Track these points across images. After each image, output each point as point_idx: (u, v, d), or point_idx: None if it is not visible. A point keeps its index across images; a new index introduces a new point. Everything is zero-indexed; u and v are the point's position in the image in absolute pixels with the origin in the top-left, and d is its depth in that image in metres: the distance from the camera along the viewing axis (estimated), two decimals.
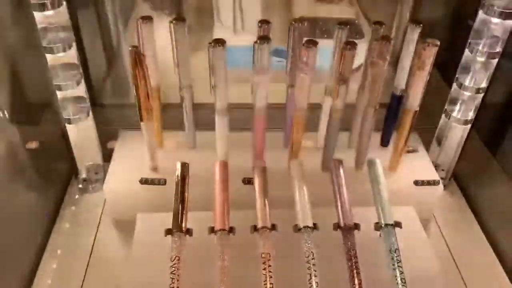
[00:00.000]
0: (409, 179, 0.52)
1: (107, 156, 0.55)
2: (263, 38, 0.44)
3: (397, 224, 0.44)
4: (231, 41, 0.43)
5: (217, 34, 0.59)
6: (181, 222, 0.43)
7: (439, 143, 0.57)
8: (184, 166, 0.46)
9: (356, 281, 0.40)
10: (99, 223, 0.53)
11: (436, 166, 0.57)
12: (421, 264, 0.45)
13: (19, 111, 0.48)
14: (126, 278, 0.44)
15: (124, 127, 0.57)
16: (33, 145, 0.51)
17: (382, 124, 0.55)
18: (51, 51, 0.46)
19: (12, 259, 0.45)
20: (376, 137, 0.56)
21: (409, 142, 0.54)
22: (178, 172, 0.46)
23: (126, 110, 0.57)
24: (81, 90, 0.50)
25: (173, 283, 0.39)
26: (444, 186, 0.57)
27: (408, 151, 0.55)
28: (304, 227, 0.43)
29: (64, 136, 0.53)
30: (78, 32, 0.55)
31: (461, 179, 0.60)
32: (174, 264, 0.41)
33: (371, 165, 0.48)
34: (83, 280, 0.47)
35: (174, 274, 0.40)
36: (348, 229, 0.44)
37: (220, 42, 0.42)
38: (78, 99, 0.50)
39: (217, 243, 0.42)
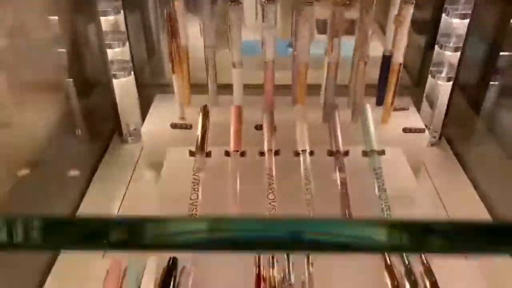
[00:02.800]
0: (398, 128, 0.60)
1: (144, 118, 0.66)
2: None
3: (382, 152, 0.53)
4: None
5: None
6: (202, 145, 0.53)
7: (429, 104, 0.65)
8: (206, 107, 0.57)
9: (345, 195, 0.49)
10: (136, 165, 0.63)
11: (427, 127, 0.65)
12: (401, 184, 0.53)
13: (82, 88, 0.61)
14: (158, 190, 0.54)
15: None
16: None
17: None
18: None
19: (63, 189, 0.56)
20: (373, 99, 0.65)
21: (401, 102, 0.63)
22: (201, 111, 0.57)
23: (162, 87, 0.69)
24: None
25: (195, 191, 0.49)
26: (434, 144, 0.66)
27: (399, 109, 0.63)
28: (302, 150, 0.53)
29: (111, 97, 0.64)
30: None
31: (450, 139, 0.68)
32: (195, 176, 0.50)
33: (363, 111, 0.57)
34: (120, 205, 0.57)
35: (195, 185, 0.50)
36: (338, 153, 0.53)
37: (236, 1, 0.54)
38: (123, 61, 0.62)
39: (231, 162, 0.52)
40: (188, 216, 0.45)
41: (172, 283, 0.41)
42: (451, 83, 0.61)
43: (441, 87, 0.62)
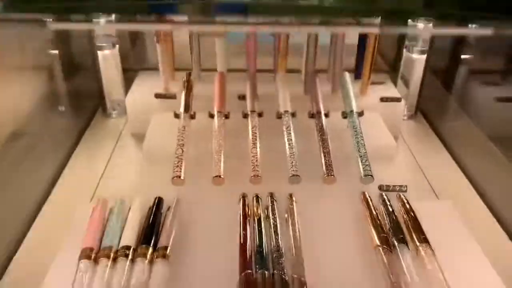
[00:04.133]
0: (376, 98, 0.63)
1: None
2: None
3: (360, 113, 0.55)
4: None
5: None
6: (187, 107, 0.54)
7: (405, 79, 0.68)
8: (189, 74, 0.59)
9: (325, 151, 0.50)
10: (119, 136, 0.64)
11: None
12: (380, 142, 0.55)
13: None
14: (146, 146, 0.55)
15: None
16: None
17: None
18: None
19: (46, 156, 0.56)
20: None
21: (378, 79, 0.66)
22: (185, 77, 0.58)
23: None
24: None
25: (180, 147, 0.50)
26: (411, 118, 0.68)
27: (376, 83, 0.66)
28: (285, 111, 0.54)
29: (95, 71, 0.65)
30: None
31: (426, 115, 0.70)
32: (180, 134, 0.51)
33: (342, 78, 0.59)
34: (102, 174, 0.58)
35: (180, 141, 0.50)
36: (319, 114, 0.54)
37: None
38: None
39: (215, 121, 0.53)
40: None
41: (157, 222, 0.41)
42: (425, 56, 0.64)
43: (416, 60, 0.65)
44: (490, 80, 0.65)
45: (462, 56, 0.66)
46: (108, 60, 0.64)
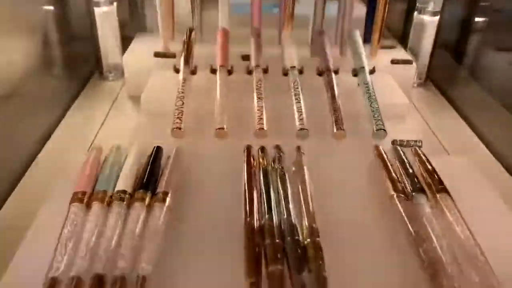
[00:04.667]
0: (386, 61, 0.60)
1: None
2: None
3: (371, 71, 0.52)
4: None
5: None
6: (187, 61, 0.51)
7: (415, 44, 0.65)
8: (191, 29, 0.55)
9: (334, 106, 0.47)
10: (116, 98, 0.61)
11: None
12: (392, 100, 0.52)
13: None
14: (144, 98, 0.52)
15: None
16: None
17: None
18: None
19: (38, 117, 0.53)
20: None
21: (388, 41, 0.63)
22: (186, 33, 0.55)
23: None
24: None
25: (180, 99, 0.47)
26: (420, 85, 0.66)
27: (387, 47, 0.63)
28: (291, 67, 0.51)
29: (92, 31, 0.62)
30: None
31: (436, 83, 0.68)
32: (181, 87, 0.48)
33: (352, 35, 0.57)
34: (98, 132, 0.54)
35: (180, 93, 0.48)
36: (328, 71, 0.51)
37: None
38: None
39: (218, 76, 0.50)
40: None
41: (155, 169, 0.38)
42: (437, 18, 0.61)
43: (427, 23, 0.62)
44: (504, 46, 0.62)
45: (476, 19, 0.63)
46: (105, 17, 0.61)
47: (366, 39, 0.64)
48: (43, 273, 0.29)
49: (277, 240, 0.31)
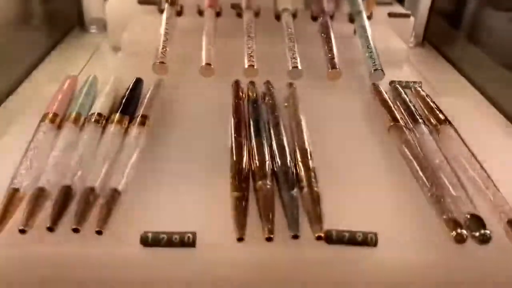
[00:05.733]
0: (383, 15, 0.57)
1: None
2: None
3: (369, 17, 0.49)
4: None
5: None
6: (173, 2, 0.48)
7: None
8: None
9: (329, 47, 0.44)
10: (97, 48, 0.57)
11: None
12: (390, 45, 0.49)
13: None
14: (125, 38, 0.49)
15: None
16: None
17: None
18: None
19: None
20: None
21: None
22: None
23: None
24: None
25: (164, 36, 0.44)
26: (418, 45, 0.63)
27: (384, 3, 0.60)
28: (283, 9, 0.48)
29: None
30: None
31: (434, 45, 0.65)
32: (166, 26, 0.45)
33: None
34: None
35: (165, 32, 0.44)
36: (323, 14, 0.48)
37: None
38: None
39: (205, 18, 0.47)
40: None
41: (135, 95, 0.35)
42: None
43: None
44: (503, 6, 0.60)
45: None
46: None
47: None
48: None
49: (266, 160, 0.29)
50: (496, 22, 0.59)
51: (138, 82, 0.37)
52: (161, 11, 0.48)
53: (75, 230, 0.23)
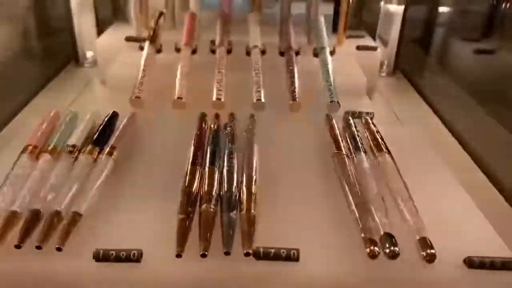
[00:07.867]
0: (352, 48, 0.61)
1: None
2: None
3: (332, 52, 0.54)
4: None
5: None
6: (154, 39, 0.53)
7: (383, 35, 0.67)
8: (161, 13, 0.58)
9: (291, 80, 0.49)
10: (88, 82, 0.62)
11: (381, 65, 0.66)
12: (350, 78, 0.53)
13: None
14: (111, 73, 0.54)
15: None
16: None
17: None
18: None
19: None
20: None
21: (355, 31, 0.65)
22: (156, 16, 0.57)
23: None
24: None
25: (142, 72, 0.48)
26: (389, 74, 0.67)
27: (355, 36, 0.65)
28: (254, 46, 0.53)
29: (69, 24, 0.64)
30: None
31: (404, 73, 0.69)
32: (144, 62, 0.50)
33: (315, 21, 0.58)
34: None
35: (143, 68, 0.49)
36: (289, 49, 0.53)
37: None
38: None
39: (182, 54, 0.52)
40: None
41: (108, 129, 0.40)
42: (403, 7, 0.63)
43: (394, 12, 0.64)
44: (470, 37, 0.64)
45: (440, 10, 0.65)
46: (81, 8, 0.63)
47: (334, 29, 0.66)
48: None
49: (214, 186, 0.33)
50: (461, 51, 0.63)
51: (113, 115, 0.42)
52: (142, 48, 0.53)
53: (38, 247, 0.27)
